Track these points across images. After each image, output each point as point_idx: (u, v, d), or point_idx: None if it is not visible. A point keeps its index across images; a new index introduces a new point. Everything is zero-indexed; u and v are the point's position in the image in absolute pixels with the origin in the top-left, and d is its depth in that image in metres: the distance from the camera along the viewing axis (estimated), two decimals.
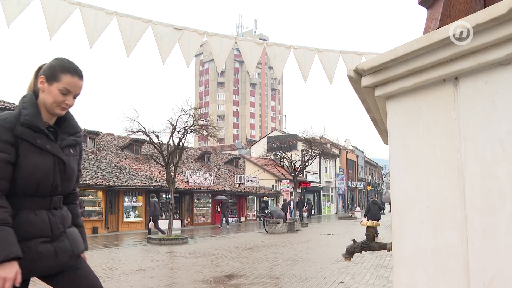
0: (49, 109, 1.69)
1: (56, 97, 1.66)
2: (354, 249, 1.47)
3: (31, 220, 1.61)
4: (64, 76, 1.67)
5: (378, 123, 1.37)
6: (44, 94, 1.67)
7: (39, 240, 1.62)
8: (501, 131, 0.77)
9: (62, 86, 1.66)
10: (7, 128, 1.57)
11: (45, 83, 1.67)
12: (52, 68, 1.68)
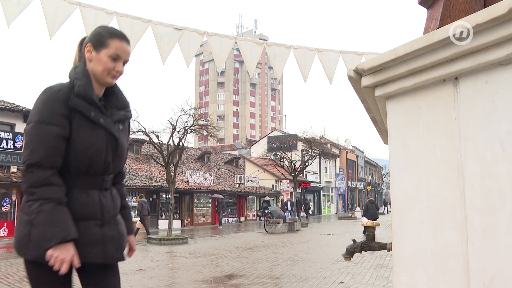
0: (100, 79, 1.58)
1: (106, 64, 1.56)
2: (354, 249, 1.47)
3: (82, 200, 1.51)
4: (112, 41, 1.57)
5: (378, 123, 1.37)
6: (92, 63, 1.57)
7: (90, 222, 1.51)
8: (501, 131, 0.77)
9: (112, 51, 1.56)
10: (61, 100, 1.46)
11: (93, 51, 1.57)
12: (99, 34, 1.59)
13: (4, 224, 15.02)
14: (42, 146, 1.41)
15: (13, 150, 15.47)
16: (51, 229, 1.37)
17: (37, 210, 1.37)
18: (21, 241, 1.43)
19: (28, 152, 1.41)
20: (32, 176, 1.39)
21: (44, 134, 1.42)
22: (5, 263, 8.96)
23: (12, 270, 7.94)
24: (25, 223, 1.42)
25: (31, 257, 1.43)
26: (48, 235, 1.36)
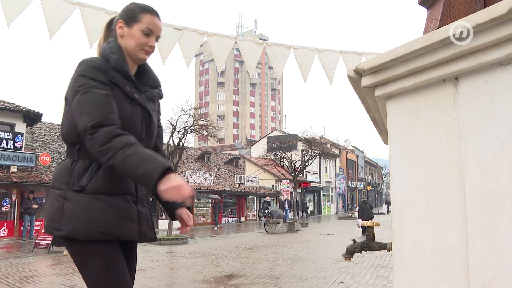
0: (132, 54, 1.55)
1: (139, 39, 1.53)
2: (354, 249, 1.47)
3: (115, 173, 1.42)
4: (144, 16, 1.55)
5: (378, 123, 1.37)
6: (125, 39, 1.54)
7: (127, 197, 1.47)
8: (501, 131, 0.77)
9: (144, 26, 1.53)
10: (102, 70, 1.43)
11: (125, 27, 1.54)
12: (130, 10, 1.56)
13: (4, 224, 15.01)
14: (98, 107, 1.36)
15: (13, 150, 15.46)
16: (147, 165, 1.29)
17: (121, 160, 1.29)
18: (87, 222, 1.35)
19: (87, 117, 1.34)
20: (99, 136, 1.32)
21: (96, 97, 1.37)
22: (5, 263, 8.96)
23: (12, 270, 7.94)
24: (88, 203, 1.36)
25: (104, 236, 1.37)
26: (148, 171, 1.29)
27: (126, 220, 1.43)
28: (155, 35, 1.57)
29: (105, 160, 1.32)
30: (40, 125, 21.47)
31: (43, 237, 10.91)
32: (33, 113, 16.93)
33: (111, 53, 1.49)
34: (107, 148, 1.31)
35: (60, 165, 1.50)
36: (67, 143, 1.50)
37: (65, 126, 1.49)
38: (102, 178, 1.40)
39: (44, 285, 6.42)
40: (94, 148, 1.33)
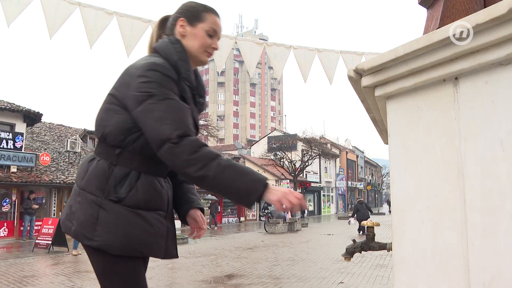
0: (195, 56, 1.44)
1: (203, 39, 1.43)
2: (354, 249, 1.47)
3: (156, 188, 1.37)
4: (208, 15, 1.45)
5: (378, 123, 1.37)
6: (187, 39, 1.43)
7: (160, 213, 1.38)
8: (501, 131, 0.77)
9: (208, 26, 1.44)
10: (175, 81, 1.33)
11: (187, 26, 1.43)
12: (192, 8, 1.46)
13: (4, 224, 15.02)
14: (182, 116, 1.28)
15: (13, 150, 15.47)
16: (248, 177, 1.22)
17: (217, 171, 1.20)
18: (124, 237, 1.28)
19: (170, 125, 1.23)
20: (186, 145, 1.22)
21: (179, 106, 1.29)
22: (5, 263, 8.96)
23: (12, 270, 7.94)
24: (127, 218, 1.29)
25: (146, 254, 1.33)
26: (250, 183, 1.21)
27: (158, 237, 1.37)
28: (217, 37, 1.48)
29: (192, 170, 1.21)
30: (40, 125, 21.48)
31: (43, 237, 10.91)
32: (33, 113, 16.93)
33: (180, 60, 1.38)
34: (197, 158, 1.21)
35: (94, 166, 1.36)
36: (106, 143, 1.37)
37: (109, 125, 1.35)
38: (142, 192, 1.32)
39: (44, 285, 6.42)
40: (179, 157, 1.21)
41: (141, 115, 1.27)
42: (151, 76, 1.29)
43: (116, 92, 1.36)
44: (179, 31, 1.44)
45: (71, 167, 18.52)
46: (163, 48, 1.40)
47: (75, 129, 23.61)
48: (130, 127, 1.32)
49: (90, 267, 8.15)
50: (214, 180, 1.21)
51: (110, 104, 1.37)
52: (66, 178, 16.96)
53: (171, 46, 1.40)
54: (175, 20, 1.46)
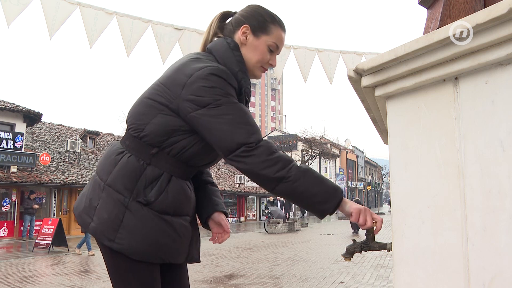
0: (250, 69, 1.35)
1: (264, 54, 1.33)
2: (354, 249, 1.47)
3: (186, 192, 1.31)
4: (275, 28, 1.34)
5: (378, 123, 1.37)
6: (246, 49, 1.33)
7: (186, 218, 1.33)
8: (501, 131, 0.77)
9: (272, 40, 1.33)
10: (236, 90, 1.27)
11: (250, 35, 1.32)
12: (260, 16, 1.34)
13: (4, 224, 15.02)
14: (254, 123, 1.23)
15: (13, 150, 15.47)
16: (327, 183, 1.19)
17: (299, 173, 1.16)
18: (149, 245, 1.23)
19: (247, 129, 1.19)
20: (263, 147, 1.18)
21: (247, 111, 1.24)
22: (5, 263, 8.96)
23: (12, 270, 7.94)
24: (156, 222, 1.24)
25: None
26: (330, 190, 1.18)
27: (182, 243, 1.32)
28: (277, 53, 1.39)
29: (271, 171, 1.16)
30: (40, 125, 21.48)
31: (43, 237, 10.91)
32: (33, 113, 16.94)
33: (241, 71, 1.30)
34: (276, 158, 1.17)
35: (124, 162, 1.28)
36: (142, 140, 1.28)
37: (151, 124, 1.27)
38: (172, 196, 1.27)
39: (44, 285, 6.42)
40: (258, 158, 1.17)
41: (202, 120, 1.20)
42: (215, 82, 1.20)
43: (166, 89, 1.26)
44: (241, 39, 1.33)
45: (71, 167, 18.52)
46: (222, 52, 1.31)
47: (75, 129, 23.62)
48: (174, 129, 1.25)
49: (90, 267, 8.17)
50: (293, 183, 1.16)
51: (154, 101, 1.27)
52: (66, 178, 16.97)
53: (231, 53, 1.30)
54: (238, 24, 1.35)
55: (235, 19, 1.36)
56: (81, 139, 20.78)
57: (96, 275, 7.22)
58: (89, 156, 21.34)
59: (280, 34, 1.35)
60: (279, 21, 1.36)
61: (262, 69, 1.37)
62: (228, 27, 1.38)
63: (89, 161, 20.50)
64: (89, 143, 22.85)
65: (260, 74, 1.38)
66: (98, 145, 23.73)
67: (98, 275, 7.26)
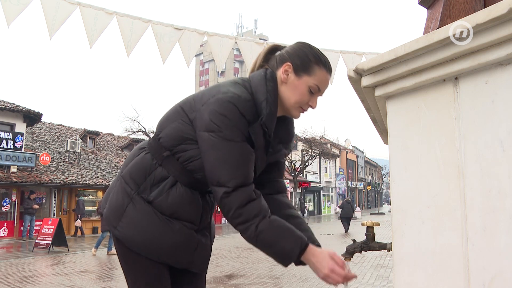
0: (287, 108, 1.33)
1: (303, 96, 1.29)
2: (354, 249, 1.47)
3: (190, 200, 1.34)
4: (319, 69, 1.30)
5: (378, 123, 1.37)
6: (286, 87, 1.30)
7: (186, 224, 1.35)
8: (501, 131, 0.77)
9: (314, 82, 1.29)
10: (250, 122, 1.24)
11: (291, 74, 1.29)
12: (304, 55, 1.30)
13: (4, 224, 15.02)
14: (242, 165, 1.23)
15: (13, 150, 15.47)
16: (282, 243, 1.20)
17: (253, 234, 1.20)
18: (142, 237, 1.29)
19: (229, 172, 1.21)
20: (236, 197, 1.21)
21: (243, 152, 1.23)
22: (5, 263, 8.96)
23: (12, 270, 7.94)
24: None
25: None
26: (287, 250, 1.20)
27: (180, 247, 1.34)
28: (319, 95, 1.34)
29: (234, 223, 1.23)
30: (40, 125, 21.48)
31: (43, 237, 10.91)
32: (33, 113, 16.94)
33: (267, 101, 1.26)
34: (241, 213, 1.21)
35: (140, 157, 1.36)
36: (159, 141, 1.34)
37: (169, 127, 1.33)
38: (171, 200, 1.31)
39: (44, 285, 6.42)
40: (227, 207, 1.22)
41: (203, 143, 1.24)
42: (228, 110, 1.21)
43: (192, 101, 1.31)
44: (282, 77, 1.31)
45: (71, 167, 18.52)
46: (256, 82, 1.30)
47: (75, 129, 23.62)
48: (187, 137, 1.29)
49: (90, 267, 8.17)
50: (249, 239, 1.23)
51: (181, 108, 1.33)
52: (66, 178, 16.97)
53: (264, 83, 1.29)
54: (281, 60, 1.33)
55: (280, 55, 1.35)
56: (81, 139, 20.78)
57: (96, 275, 7.22)
58: (89, 156, 21.33)
59: (323, 76, 1.32)
60: (324, 62, 1.33)
61: (301, 109, 1.33)
62: (272, 62, 1.36)
63: (89, 161, 20.50)
64: (89, 143, 22.85)
65: (297, 115, 1.34)
66: (98, 145, 23.73)
67: (98, 275, 7.26)
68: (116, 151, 24.31)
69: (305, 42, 1.37)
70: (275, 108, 1.28)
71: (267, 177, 1.45)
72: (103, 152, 23.05)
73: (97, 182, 18.14)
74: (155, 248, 1.32)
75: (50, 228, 10.83)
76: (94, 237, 16.32)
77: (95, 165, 20.37)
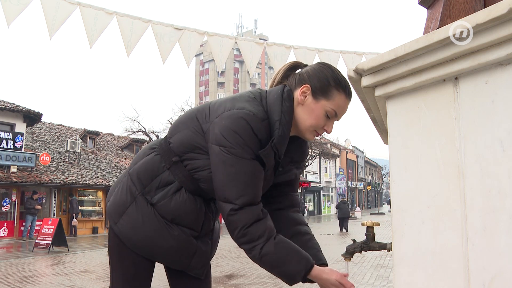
0: (300, 130, 1.30)
1: (319, 119, 1.26)
2: (354, 249, 1.47)
3: (192, 206, 1.34)
4: (338, 94, 1.25)
5: (378, 123, 1.37)
6: (302, 109, 1.27)
7: (185, 230, 1.35)
8: (501, 131, 0.77)
9: (331, 107, 1.25)
10: (262, 141, 1.22)
11: (309, 96, 1.26)
12: (324, 78, 1.26)
13: (4, 224, 15.02)
14: (252, 184, 1.21)
15: (13, 150, 15.47)
16: (286, 267, 1.20)
17: (257, 255, 1.20)
18: (140, 238, 1.32)
19: (238, 189, 1.19)
20: (242, 216, 1.19)
21: (253, 171, 1.21)
22: (5, 263, 8.96)
23: (12, 270, 7.94)
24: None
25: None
26: (292, 272, 1.20)
27: (177, 251, 1.35)
28: (336, 119, 1.29)
29: (239, 242, 1.22)
30: (40, 125, 21.49)
31: (43, 237, 10.91)
32: (33, 113, 16.94)
33: (281, 122, 1.23)
34: (245, 233, 1.20)
35: (150, 158, 1.37)
36: (170, 145, 1.34)
37: (180, 133, 1.32)
38: (173, 206, 1.32)
39: (44, 285, 6.42)
40: (233, 225, 1.21)
41: (214, 156, 1.22)
42: (241, 127, 1.19)
43: (207, 111, 1.30)
44: (299, 99, 1.27)
45: (71, 167, 18.52)
46: (272, 99, 1.27)
47: (75, 129, 23.62)
48: (197, 146, 1.29)
49: (90, 267, 8.17)
50: (254, 260, 1.23)
51: (195, 116, 1.32)
52: (66, 178, 16.97)
53: (280, 101, 1.25)
54: (301, 81, 1.29)
55: (300, 75, 1.31)
56: (81, 139, 20.78)
57: (96, 275, 7.23)
58: (89, 156, 21.33)
59: (342, 101, 1.27)
60: (344, 86, 1.27)
61: (315, 133, 1.30)
62: (291, 81, 1.33)
63: (89, 161, 20.50)
64: (89, 143, 22.85)
65: (311, 138, 1.31)
66: (98, 145, 23.73)
67: (98, 275, 7.26)
68: (116, 151, 24.31)
69: (326, 63, 1.32)
70: (288, 130, 1.25)
71: (279, 191, 1.43)
72: (103, 152, 23.05)
73: (97, 182, 18.13)
74: (149, 249, 1.35)
75: (50, 228, 10.84)
76: (94, 237, 16.32)
77: (95, 165, 20.37)
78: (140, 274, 1.40)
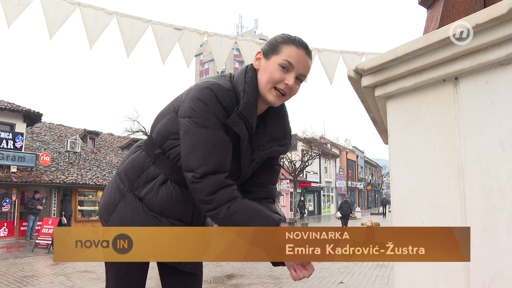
0: (263, 92, 1.29)
1: (272, 73, 1.25)
2: None
3: (178, 197, 1.35)
4: (286, 47, 1.26)
5: (378, 123, 1.37)
6: (259, 73, 1.30)
7: (174, 221, 1.36)
8: (501, 131, 0.77)
9: (282, 58, 1.24)
10: (227, 110, 1.24)
11: (262, 59, 1.30)
12: (274, 40, 1.30)
13: (4, 224, 15.02)
14: (214, 153, 1.22)
15: (13, 150, 15.46)
16: (256, 223, 1.18)
17: (226, 216, 1.20)
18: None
19: (198, 159, 1.20)
20: (206, 184, 1.20)
21: (215, 140, 1.22)
22: (5, 263, 8.96)
23: (12, 270, 7.94)
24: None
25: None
26: (268, 222, 1.19)
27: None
28: (296, 72, 1.25)
29: (205, 210, 1.23)
30: (40, 125, 21.48)
31: (43, 237, 10.91)
32: (33, 113, 16.93)
33: (245, 91, 1.26)
34: (212, 199, 1.21)
35: (136, 155, 1.40)
36: (152, 140, 1.37)
37: (159, 124, 1.36)
38: (160, 198, 1.34)
39: (44, 285, 6.42)
40: (196, 195, 1.23)
41: (181, 130, 1.25)
42: (205, 96, 1.22)
43: (180, 95, 1.34)
44: (255, 64, 1.32)
45: (71, 167, 18.52)
46: (237, 74, 1.33)
47: (75, 129, 23.62)
48: (171, 131, 1.31)
49: (90, 267, 8.18)
50: (224, 224, 1.22)
51: (171, 104, 1.36)
52: (66, 178, 16.97)
53: (243, 74, 1.31)
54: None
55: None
56: (81, 139, 20.79)
57: (96, 275, 7.23)
58: (89, 156, 21.33)
59: (293, 51, 1.25)
60: (293, 39, 1.28)
61: (275, 92, 1.27)
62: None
63: (89, 161, 20.49)
64: (89, 143, 22.84)
65: (272, 98, 1.28)
66: (98, 145, 23.73)
67: (98, 275, 7.26)
68: (116, 151, 24.30)
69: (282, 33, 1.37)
70: (253, 98, 1.27)
71: (256, 181, 1.44)
72: (103, 152, 23.05)
73: (97, 182, 18.13)
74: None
75: (50, 228, 10.84)
76: None
77: (95, 165, 20.36)
78: (133, 272, 1.41)
